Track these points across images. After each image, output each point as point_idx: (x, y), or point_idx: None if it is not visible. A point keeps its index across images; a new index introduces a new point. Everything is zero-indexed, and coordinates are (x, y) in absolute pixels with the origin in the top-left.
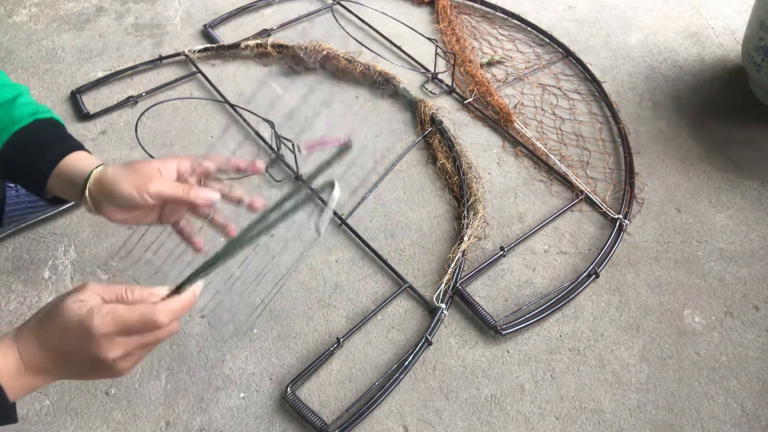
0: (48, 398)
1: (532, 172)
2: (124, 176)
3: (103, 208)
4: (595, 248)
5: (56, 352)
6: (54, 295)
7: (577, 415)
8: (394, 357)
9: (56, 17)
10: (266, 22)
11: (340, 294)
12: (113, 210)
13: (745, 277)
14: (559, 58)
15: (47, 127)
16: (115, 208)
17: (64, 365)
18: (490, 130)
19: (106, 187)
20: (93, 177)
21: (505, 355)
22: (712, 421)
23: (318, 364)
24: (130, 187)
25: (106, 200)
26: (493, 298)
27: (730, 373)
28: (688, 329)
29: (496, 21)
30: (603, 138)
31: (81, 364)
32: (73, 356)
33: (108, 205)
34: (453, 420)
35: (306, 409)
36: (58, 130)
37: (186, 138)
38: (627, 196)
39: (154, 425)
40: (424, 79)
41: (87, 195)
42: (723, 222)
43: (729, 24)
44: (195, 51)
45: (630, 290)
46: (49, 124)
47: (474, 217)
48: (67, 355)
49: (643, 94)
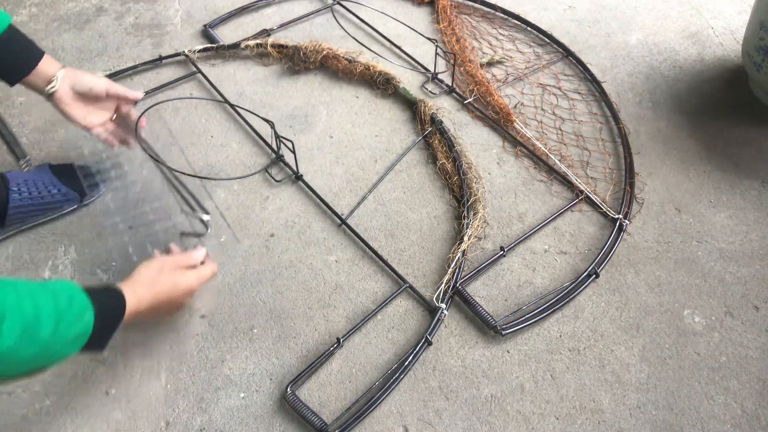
0: (48, 398)
1: (532, 172)
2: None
3: (64, 101)
4: (595, 248)
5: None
6: None
7: (577, 415)
8: (394, 357)
9: (56, 17)
10: (266, 22)
11: (340, 294)
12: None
13: (745, 277)
14: (559, 58)
15: (17, 34)
16: (75, 96)
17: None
18: (490, 130)
19: (77, 72)
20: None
21: (505, 355)
22: (712, 421)
23: (318, 364)
24: (94, 77)
25: (71, 84)
26: (493, 298)
27: (730, 373)
28: (688, 329)
29: (496, 21)
30: (603, 138)
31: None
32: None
33: (69, 90)
34: (453, 420)
35: (306, 409)
36: (25, 37)
37: (186, 138)
38: (627, 196)
39: (154, 425)
40: (424, 79)
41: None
42: (723, 222)
43: (729, 24)
44: (195, 51)
45: (630, 290)
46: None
47: (474, 217)
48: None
49: (643, 94)
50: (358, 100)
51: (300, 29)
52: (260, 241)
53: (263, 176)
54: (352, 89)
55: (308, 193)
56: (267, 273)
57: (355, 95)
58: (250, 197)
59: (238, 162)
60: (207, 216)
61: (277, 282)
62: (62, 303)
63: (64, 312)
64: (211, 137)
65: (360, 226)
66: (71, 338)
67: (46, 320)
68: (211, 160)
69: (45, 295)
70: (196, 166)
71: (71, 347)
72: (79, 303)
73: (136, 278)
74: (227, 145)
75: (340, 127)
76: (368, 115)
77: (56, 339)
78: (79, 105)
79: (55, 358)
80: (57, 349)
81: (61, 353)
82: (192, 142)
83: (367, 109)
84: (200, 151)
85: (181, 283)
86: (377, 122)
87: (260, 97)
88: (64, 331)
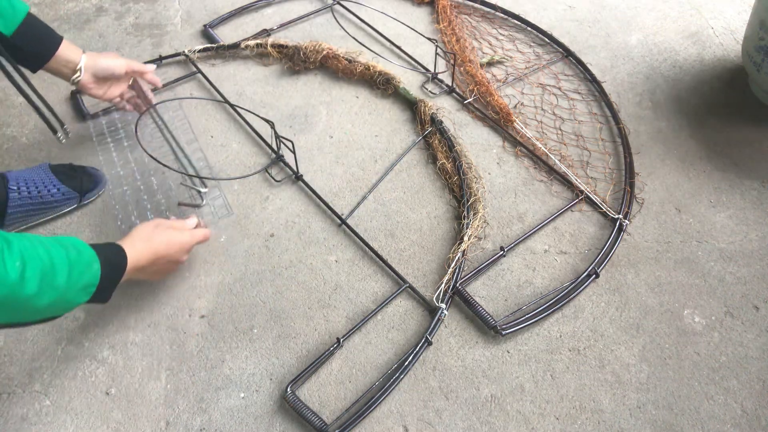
0: (48, 398)
1: (532, 172)
2: (106, 55)
3: (87, 86)
4: (595, 248)
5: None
6: None
7: (577, 415)
8: (394, 357)
9: (56, 17)
10: (266, 22)
11: (340, 294)
12: (95, 86)
13: (745, 277)
14: (559, 58)
15: (37, 22)
16: (96, 80)
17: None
18: (490, 130)
19: (97, 59)
20: (87, 57)
21: (505, 355)
22: (712, 421)
23: (318, 364)
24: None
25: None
26: (493, 298)
27: (730, 373)
28: (688, 329)
29: (496, 21)
30: (603, 138)
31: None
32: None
33: (91, 77)
34: (453, 420)
35: (306, 409)
36: (44, 24)
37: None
38: (627, 196)
39: (154, 425)
40: (424, 79)
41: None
42: (723, 222)
43: (729, 24)
44: (195, 51)
45: (630, 290)
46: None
47: (474, 217)
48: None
49: (643, 94)
50: (358, 100)
51: (300, 29)
52: (260, 241)
53: (263, 176)
54: (352, 89)
55: (308, 193)
56: (267, 273)
57: (355, 95)
58: (250, 197)
59: (238, 162)
60: (204, 189)
61: (277, 282)
62: (72, 254)
63: (75, 262)
64: (211, 137)
65: (360, 226)
66: (82, 286)
67: (60, 268)
68: (211, 160)
69: (57, 247)
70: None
71: (82, 295)
72: (88, 255)
73: (135, 236)
74: (227, 145)
75: (340, 127)
76: (368, 115)
77: (69, 286)
78: (99, 85)
79: (68, 306)
80: (70, 296)
81: (73, 301)
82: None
83: (367, 109)
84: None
85: (176, 240)
86: (377, 122)
87: (260, 97)
88: (76, 279)
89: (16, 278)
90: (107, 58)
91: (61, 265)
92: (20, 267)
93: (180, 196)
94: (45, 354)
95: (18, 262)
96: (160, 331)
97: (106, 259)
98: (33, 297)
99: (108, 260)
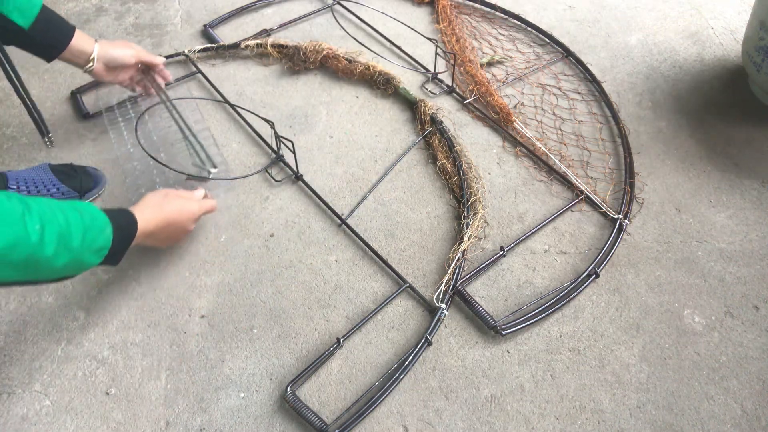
0: (48, 398)
1: (532, 172)
2: (118, 45)
3: (99, 74)
4: (595, 248)
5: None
6: (54, 294)
7: (577, 415)
8: (394, 357)
9: None
10: (266, 22)
11: (340, 294)
12: (107, 74)
13: (745, 277)
14: (559, 58)
15: (51, 14)
16: (107, 68)
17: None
18: (490, 130)
19: (108, 50)
20: (99, 46)
21: (505, 355)
22: (712, 421)
23: (318, 364)
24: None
25: (105, 61)
26: (493, 298)
27: (730, 373)
28: (688, 329)
29: (496, 21)
30: (603, 138)
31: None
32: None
33: (103, 66)
34: (453, 420)
35: (306, 409)
36: (57, 16)
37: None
38: (627, 196)
39: (154, 425)
40: (424, 79)
41: (94, 59)
42: (723, 222)
43: (729, 24)
44: (195, 51)
45: (630, 290)
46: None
47: (474, 217)
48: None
49: (643, 94)
50: (358, 100)
51: (300, 29)
52: (260, 241)
53: (263, 176)
54: (352, 89)
55: (308, 193)
56: (267, 273)
57: (355, 95)
58: (250, 197)
59: (238, 162)
60: (215, 169)
61: (277, 282)
62: (87, 218)
63: (89, 226)
64: (212, 137)
65: (360, 226)
66: (95, 249)
67: (75, 232)
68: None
69: (73, 211)
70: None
71: (95, 258)
72: (101, 220)
73: (145, 203)
74: (227, 145)
75: (340, 127)
76: (368, 115)
77: (84, 249)
78: (110, 72)
79: (82, 267)
80: (84, 258)
81: (87, 263)
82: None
83: (367, 109)
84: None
85: (185, 207)
86: (377, 122)
87: (260, 97)
88: (90, 242)
89: (37, 240)
90: (118, 48)
91: (77, 228)
92: (40, 230)
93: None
94: (45, 354)
95: (38, 225)
96: (160, 331)
97: (118, 225)
98: (51, 258)
99: (119, 226)
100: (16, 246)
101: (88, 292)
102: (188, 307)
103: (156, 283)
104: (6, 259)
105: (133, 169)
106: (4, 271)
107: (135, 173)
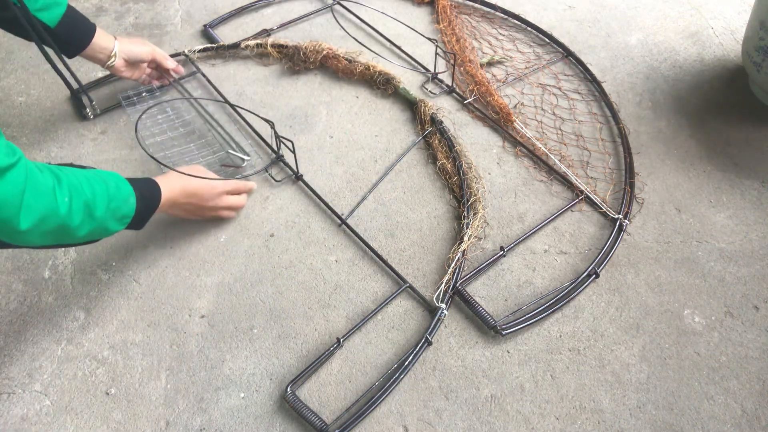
0: (48, 398)
1: (532, 172)
2: (135, 41)
3: (119, 70)
4: (595, 248)
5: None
6: (54, 294)
7: (577, 415)
8: (394, 357)
9: None
10: (266, 22)
11: (340, 294)
12: (125, 69)
13: (745, 277)
14: (559, 58)
15: (75, 13)
16: (127, 64)
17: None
18: (490, 130)
19: (128, 46)
20: (119, 43)
21: (505, 355)
22: (712, 421)
23: (318, 364)
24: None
25: (125, 57)
26: (493, 298)
27: (730, 373)
28: (688, 329)
29: (496, 21)
30: (603, 138)
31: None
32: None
33: (123, 62)
34: (453, 420)
35: (306, 409)
36: (80, 14)
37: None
38: (627, 196)
39: (154, 425)
40: (424, 79)
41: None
42: (723, 222)
43: (729, 24)
44: (195, 51)
45: (630, 290)
46: (73, 11)
47: (474, 217)
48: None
49: (643, 94)
50: (358, 100)
51: (300, 29)
52: (260, 241)
53: (263, 176)
54: (352, 89)
55: (308, 193)
56: (267, 273)
57: (355, 95)
58: (250, 197)
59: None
60: (248, 157)
61: (277, 282)
62: (112, 188)
63: (114, 196)
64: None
65: (360, 226)
66: (119, 217)
67: (100, 202)
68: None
69: (99, 182)
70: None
71: (118, 225)
72: (125, 189)
73: (172, 173)
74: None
75: (340, 127)
76: (368, 115)
77: (107, 217)
78: (128, 68)
79: (106, 233)
80: (108, 226)
81: (110, 230)
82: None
83: (367, 109)
84: (201, 151)
85: (210, 182)
86: (377, 122)
87: (260, 97)
88: (114, 211)
89: (66, 211)
90: (136, 44)
91: (102, 198)
92: (68, 202)
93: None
94: (45, 354)
95: (67, 197)
96: (160, 331)
97: (141, 194)
98: (77, 227)
99: (143, 195)
100: (47, 218)
101: (88, 292)
102: (188, 307)
103: (156, 283)
104: (39, 230)
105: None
106: (37, 238)
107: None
